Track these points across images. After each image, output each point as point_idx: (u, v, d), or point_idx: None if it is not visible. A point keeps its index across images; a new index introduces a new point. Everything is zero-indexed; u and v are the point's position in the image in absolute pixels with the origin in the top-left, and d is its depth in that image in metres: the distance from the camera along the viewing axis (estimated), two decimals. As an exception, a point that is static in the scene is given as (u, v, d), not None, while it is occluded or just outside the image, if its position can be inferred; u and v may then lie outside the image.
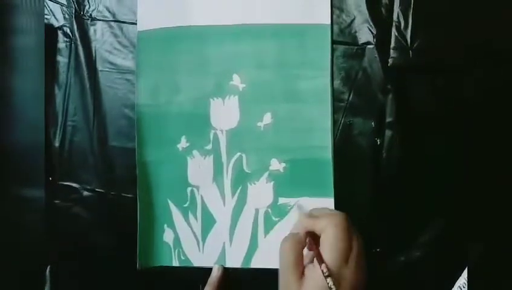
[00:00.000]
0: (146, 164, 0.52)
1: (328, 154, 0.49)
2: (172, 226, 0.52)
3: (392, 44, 0.48)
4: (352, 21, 0.49)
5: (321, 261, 0.38)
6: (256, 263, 0.50)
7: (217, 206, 0.51)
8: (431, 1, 0.48)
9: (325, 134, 0.49)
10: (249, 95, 0.50)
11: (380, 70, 0.48)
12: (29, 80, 0.56)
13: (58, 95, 0.55)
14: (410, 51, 0.48)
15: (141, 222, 0.52)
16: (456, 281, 0.46)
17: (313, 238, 0.40)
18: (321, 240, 0.39)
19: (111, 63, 0.54)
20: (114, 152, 0.54)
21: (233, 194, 0.51)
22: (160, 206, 0.52)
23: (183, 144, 0.52)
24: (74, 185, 0.55)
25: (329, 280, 0.37)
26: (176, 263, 0.52)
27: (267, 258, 0.50)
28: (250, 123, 0.50)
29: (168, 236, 0.52)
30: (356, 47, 0.49)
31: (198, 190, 0.52)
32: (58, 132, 0.55)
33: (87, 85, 0.54)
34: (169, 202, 0.52)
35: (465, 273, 0.46)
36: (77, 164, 0.55)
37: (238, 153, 0.51)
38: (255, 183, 0.51)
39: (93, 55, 0.54)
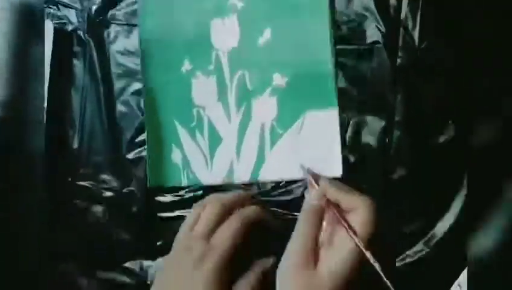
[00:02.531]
0: (152, 89, 0.54)
1: (329, 66, 0.50)
2: (179, 146, 0.53)
3: (400, 43, 0.48)
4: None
5: (351, 231, 0.37)
6: (264, 176, 0.51)
7: (223, 124, 0.52)
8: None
9: (324, 47, 0.50)
10: (247, 12, 0.51)
11: (389, 69, 0.49)
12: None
13: (75, 98, 0.56)
14: (418, 51, 0.48)
15: (149, 143, 0.53)
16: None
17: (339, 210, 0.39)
18: (351, 218, 0.38)
19: (123, 66, 0.55)
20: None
21: (238, 111, 0.52)
22: (167, 128, 0.53)
23: (186, 66, 0.53)
24: (92, 184, 0.56)
25: (368, 253, 0.36)
26: (185, 183, 0.53)
27: (274, 170, 0.51)
28: (251, 40, 0.51)
29: (176, 156, 0.53)
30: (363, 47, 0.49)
31: (204, 110, 0.53)
32: (76, 134, 0.56)
33: (101, 88, 0.56)
34: (176, 123, 0.53)
35: (464, 271, 0.46)
36: (95, 164, 0.56)
37: (241, 71, 0.52)
38: (258, 99, 0.51)
39: (107, 57, 0.56)
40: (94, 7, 0.56)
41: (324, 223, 0.40)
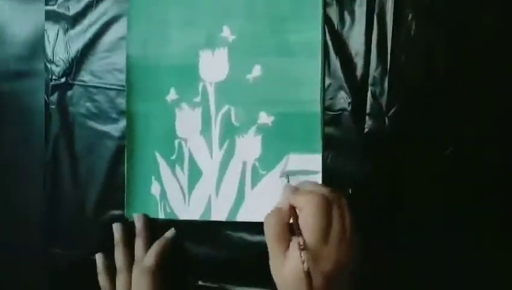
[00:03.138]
0: (135, 115, 0.52)
1: (317, 108, 0.48)
2: (159, 178, 0.52)
3: (368, 110, 0.47)
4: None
5: (298, 234, 0.38)
6: (242, 216, 0.50)
7: (204, 159, 0.51)
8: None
9: (315, 88, 0.48)
10: (238, 47, 0.50)
11: (357, 137, 0.47)
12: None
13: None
14: (386, 118, 0.46)
15: (128, 173, 0.52)
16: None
17: (295, 213, 0.41)
18: (300, 217, 0.40)
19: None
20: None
21: (220, 147, 0.51)
22: (148, 158, 0.52)
23: (172, 95, 0.52)
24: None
25: (303, 253, 0.37)
26: (161, 215, 0.52)
27: (253, 211, 0.50)
28: (240, 75, 0.50)
29: (155, 189, 0.52)
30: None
31: (186, 143, 0.52)
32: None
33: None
34: (157, 154, 0.52)
35: None
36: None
37: (227, 106, 0.50)
38: (243, 136, 0.50)
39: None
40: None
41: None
